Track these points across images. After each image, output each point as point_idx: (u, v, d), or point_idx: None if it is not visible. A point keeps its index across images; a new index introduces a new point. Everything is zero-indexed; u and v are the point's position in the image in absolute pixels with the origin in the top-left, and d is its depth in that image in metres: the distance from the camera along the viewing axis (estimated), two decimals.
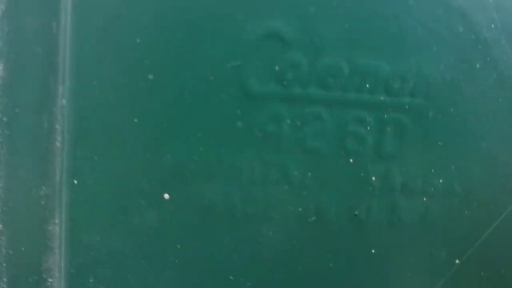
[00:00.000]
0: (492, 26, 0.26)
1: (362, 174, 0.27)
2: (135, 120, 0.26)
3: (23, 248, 0.27)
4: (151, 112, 0.26)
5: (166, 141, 0.26)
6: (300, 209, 0.27)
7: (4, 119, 0.26)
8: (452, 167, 0.27)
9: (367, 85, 0.26)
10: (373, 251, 0.27)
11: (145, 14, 0.25)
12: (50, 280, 0.28)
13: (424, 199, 0.27)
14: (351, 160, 0.27)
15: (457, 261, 0.28)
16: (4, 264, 0.27)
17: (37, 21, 0.26)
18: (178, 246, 0.27)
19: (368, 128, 0.26)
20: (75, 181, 0.26)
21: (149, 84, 0.25)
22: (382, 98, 0.26)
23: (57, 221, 0.27)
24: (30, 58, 0.26)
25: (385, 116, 0.26)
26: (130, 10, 0.25)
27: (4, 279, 0.28)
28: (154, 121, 0.26)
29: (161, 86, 0.25)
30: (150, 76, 0.25)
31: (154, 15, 0.25)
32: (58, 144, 0.26)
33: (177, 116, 0.26)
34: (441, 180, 0.27)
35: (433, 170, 0.27)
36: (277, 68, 0.26)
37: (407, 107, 0.26)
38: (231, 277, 0.27)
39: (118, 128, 0.26)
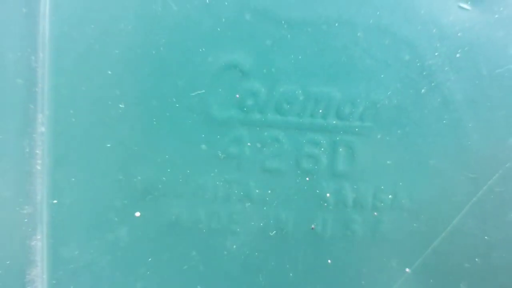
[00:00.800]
0: (436, 54, 0.28)
1: (317, 191, 0.29)
2: (108, 145, 0.28)
3: (8, 262, 0.30)
4: (123, 137, 0.28)
5: (136, 164, 0.28)
6: (261, 224, 0.29)
7: None
8: (400, 183, 0.29)
9: (320, 111, 0.28)
10: (329, 261, 0.30)
11: (116, 48, 0.27)
12: None
13: (375, 213, 0.29)
14: (307, 179, 0.29)
15: (407, 269, 0.30)
16: None
17: (18, 55, 0.28)
18: (149, 259, 0.29)
19: (322, 149, 0.29)
20: (55, 201, 0.28)
21: (120, 112, 0.28)
22: (334, 122, 0.29)
23: (39, 237, 0.29)
24: (12, 89, 0.28)
25: (337, 138, 0.29)
26: (102, 45, 0.27)
27: None
28: (125, 146, 0.28)
29: (131, 113, 0.28)
30: (121, 105, 0.27)
31: (124, 49, 0.27)
32: (38, 167, 0.29)
33: (146, 141, 0.28)
34: (390, 196, 0.29)
35: (382, 187, 0.29)
36: (237, 95, 0.28)
37: (357, 129, 0.29)
38: (198, 287, 0.29)
39: (93, 152, 0.28)
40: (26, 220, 0.29)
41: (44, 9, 0.27)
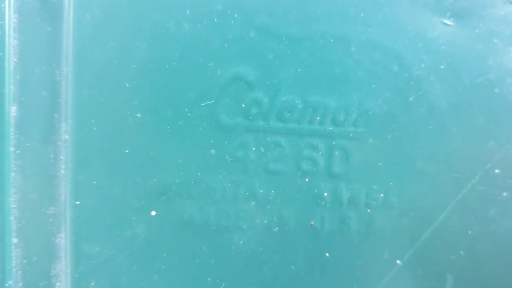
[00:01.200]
0: (422, 65, 0.30)
1: (316, 191, 0.32)
2: (126, 150, 0.30)
3: (35, 258, 0.32)
4: (140, 143, 0.30)
5: (152, 167, 0.30)
6: (265, 221, 0.32)
7: (18, 151, 0.30)
8: (391, 183, 0.31)
9: (318, 118, 0.31)
10: (327, 254, 0.32)
11: (133, 63, 0.29)
12: (58, 284, 0.32)
13: (368, 210, 0.32)
14: (306, 180, 0.31)
15: (398, 261, 0.32)
16: (20, 271, 0.32)
17: (43, 70, 0.30)
18: (164, 254, 0.32)
19: (320, 153, 0.31)
20: (77, 202, 0.31)
21: (137, 121, 0.30)
22: (330, 128, 0.31)
23: (63, 235, 0.31)
24: (38, 100, 0.30)
25: (333, 142, 0.31)
26: (120, 60, 0.29)
27: (20, 284, 0.32)
28: (142, 151, 0.30)
29: (148, 122, 0.30)
30: (138, 114, 0.30)
31: (140, 64, 0.29)
32: (62, 171, 0.31)
33: (161, 146, 0.30)
34: (381, 195, 0.32)
35: (374, 186, 0.31)
36: (243, 105, 0.30)
37: (351, 135, 0.31)
38: (209, 279, 0.32)
39: (112, 157, 0.30)
40: (51, 219, 0.31)
41: (67, 28, 0.29)
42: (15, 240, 0.31)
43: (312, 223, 0.32)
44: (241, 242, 0.32)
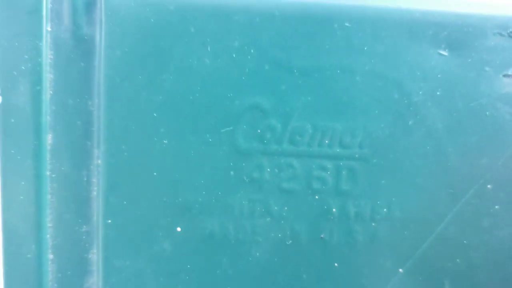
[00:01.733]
0: (420, 92, 0.32)
1: (325, 207, 0.34)
2: (154, 173, 0.33)
3: (69, 272, 0.34)
4: (166, 167, 0.32)
5: (177, 188, 0.33)
6: (279, 235, 0.34)
7: (53, 175, 0.33)
8: (393, 199, 0.34)
9: (326, 141, 0.33)
10: (335, 264, 0.34)
11: (159, 94, 0.32)
12: None
13: (373, 224, 0.34)
14: (316, 197, 0.34)
15: (400, 270, 0.35)
16: (55, 284, 0.34)
17: (77, 101, 0.32)
18: (188, 266, 0.34)
19: (328, 172, 0.33)
20: (109, 221, 0.33)
21: (164, 146, 0.32)
22: (338, 150, 0.33)
23: (95, 250, 0.34)
24: (72, 129, 0.32)
25: (341, 163, 0.33)
26: (148, 92, 0.31)
27: None
28: (168, 173, 0.32)
29: (173, 147, 0.32)
30: (165, 141, 0.32)
31: (166, 95, 0.32)
32: (94, 193, 0.33)
33: (185, 169, 0.32)
34: (385, 209, 0.34)
35: (378, 202, 0.34)
36: (259, 131, 0.33)
37: (357, 156, 0.33)
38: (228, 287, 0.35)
39: (141, 180, 0.32)
40: (84, 237, 0.33)
41: (99, 63, 0.31)
42: (51, 256, 0.33)
43: (322, 236, 0.34)
44: (258, 254, 0.34)
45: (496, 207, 0.33)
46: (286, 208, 0.34)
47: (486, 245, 0.34)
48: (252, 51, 0.31)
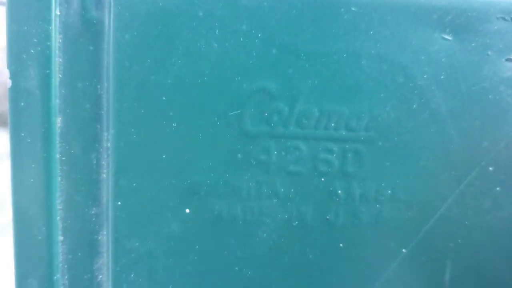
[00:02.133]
0: (425, 76, 0.33)
1: (331, 189, 0.34)
2: (163, 156, 0.33)
3: (79, 254, 0.35)
4: (175, 149, 0.33)
5: (186, 170, 0.33)
6: (286, 216, 0.35)
7: (63, 158, 0.33)
8: (397, 181, 0.34)
9: (332, 124, 0.33)
10: (341, 245, 0.35)
11: (168, 78, 0.32)
12: (100, 276, 0.35)
13: (377, 205, 0.35)
14: (322, 179, 0.35)
15: (403, 250, 0.36)
16: (66, 266, 0.35)
17: (86, 85, 0.33)
18: (196, 247, 0.35)
19: (334, 155, 0.34)
20: (119, 203, 0.34)
21: (173, 129, 0.33)
22: (343, 133, 0.34)
23: (104, 232, 0.34)
24: (82, 112, 0.33)
25: (347, 146, 0.34)
26: (157, 75, 0.32)
27: (66, 277, 0.35)
28: (176, 156, 0.33)
29: (182, 130, 0.33)
30: (174, 124, 0.33)
31: (175, 79, 0.32)
32: (104, 175, 0.34)
33: (193, 152, 0.33)
34: (389, 191, 0.35)
35: (383, 184, 0.34)
36: (266, 114, 0.33)
37: (362, 138, 0.34)
38: (236, 268, 0.35)
39: (150, 162, 0.33)
40: (94, 219, 0.34)
41: (108, 47, 0.32)
42: (61, 238, 0.34)
43: (328, 217, 0.35)
44: (265, 235, 0.35)
45: (497, 188, 0.34)
46: (292, 190, 0.34)
47: (488, 225, 0.35)
48: (259, 35, 0.32)
